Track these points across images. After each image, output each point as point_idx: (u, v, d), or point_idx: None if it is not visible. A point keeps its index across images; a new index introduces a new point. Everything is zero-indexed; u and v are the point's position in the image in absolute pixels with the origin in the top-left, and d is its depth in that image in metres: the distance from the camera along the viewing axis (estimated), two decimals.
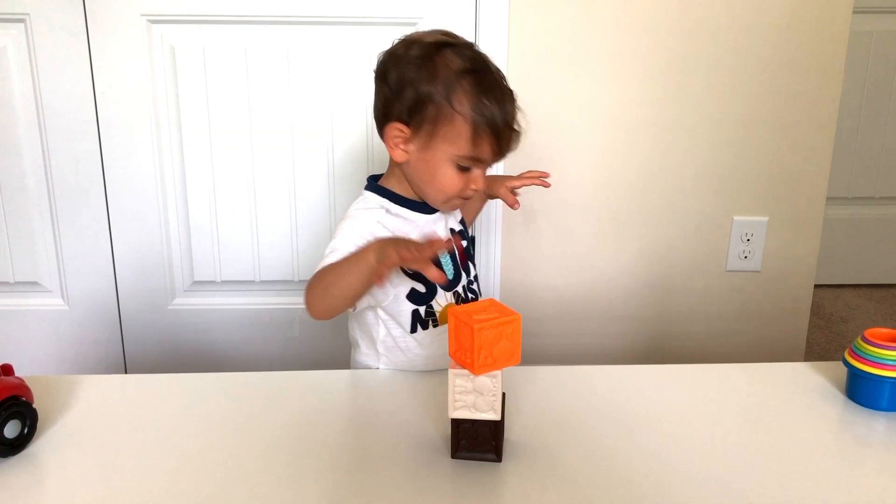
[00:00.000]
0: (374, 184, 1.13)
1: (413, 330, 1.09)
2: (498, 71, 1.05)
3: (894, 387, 0.94)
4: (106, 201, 1.70)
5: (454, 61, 1.01)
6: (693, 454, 0.85)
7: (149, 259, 1.74)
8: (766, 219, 1.78)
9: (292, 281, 1.78)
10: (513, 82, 1.06)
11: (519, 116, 1.05)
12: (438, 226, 1.13)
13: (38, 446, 0.86)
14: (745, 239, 1.79)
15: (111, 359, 1.80)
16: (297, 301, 1.79)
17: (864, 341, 0.95)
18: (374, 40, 1.64)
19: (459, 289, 1.14)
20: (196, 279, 1.77)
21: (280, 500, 0.78)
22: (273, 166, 1.70)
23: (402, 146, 1.05)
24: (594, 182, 1.74)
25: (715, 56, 1.68)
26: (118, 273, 1.75)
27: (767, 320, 1.86)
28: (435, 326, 1.10)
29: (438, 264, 0.99)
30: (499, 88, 1.02)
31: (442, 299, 1.11)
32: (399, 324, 1.10)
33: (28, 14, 1.58)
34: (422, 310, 1.09)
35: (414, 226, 1.09)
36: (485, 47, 1.59)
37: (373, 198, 1.11)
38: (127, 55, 1.61)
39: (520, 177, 1.24)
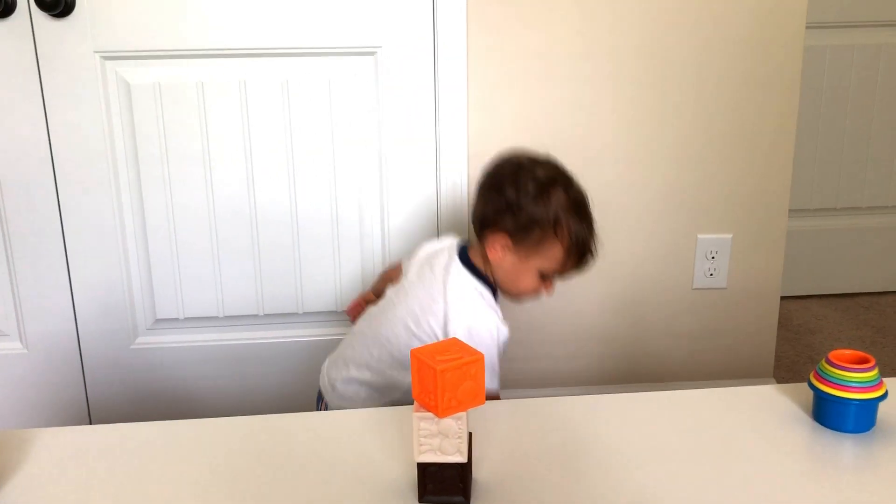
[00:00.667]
0: (470, 262, 1.30)
1: None
2: (589, 204, 1.27)
3: (859, 409, 0.94)
4: (63, 241, 1.67)
5: (563, 198, 1.23)
6: (663, 484, 0.85)
7: (109, 298, 1.71)
8: (730, 236, 1.80)
9: (257, 315, 1.75)
10: (471, 109, 1.10)
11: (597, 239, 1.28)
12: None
13: None
14: (710, 256, 1.80)
15: (73, 401, 1.76)
16: (261, 336, 1.77)
17: (829, 364, 0.95)
18: (333, 69, 1.63)
19: None
20: (158, 317, 1.74)
21: None
22: (232, 199, 1.68)
23: (500, 251, 1.25)
24: None
25: (673, 75, 1.70)
26: (78, 314, 1.71)
27: (736, 336, 1.87)
28: None
29: None
30: (591, 221, 1.26)
31: None
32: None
33: None
34: None
35: (493, 311, 1.27)
36: (443, 75, 1.61)
37: (469, 280, 1.27)
38: (81, 93, 1.59)
39: None
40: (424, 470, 0.82)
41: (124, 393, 1.76)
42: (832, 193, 2.47)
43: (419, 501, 0.83)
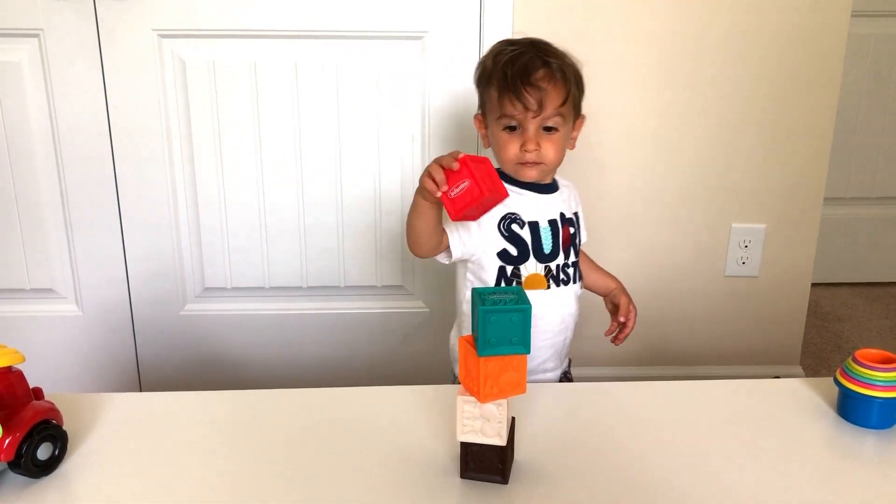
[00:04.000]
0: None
1: (497, 284, 1.18)
2: (547, 44, 1.20)
3: (883, 406, 0.98)
4: (119, 210, 1.74)
5: (496, 47, 1.20)
6: (690, 472, 0.90)
7: (160, 266, 1.78)
8: (763, 226, 1.82)
9: (301, 287, 1.82)
10: None
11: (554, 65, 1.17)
12: (551, 208, 1.22)
13: (68, 466, 0.90)
14: (743, 245, 1.83)
15: (124, 363, 1.85)
16: (304, 307, 1.84)
17: (855, 362, 0.99)
18: (380, 54, 1.67)
19: (553, 265, 1.21)
20: (207, 286, 1.81)
21: None
22: (282, 175, 1.74)
23: (482, 133, 1.23)
24: (594, 188, 1.78)
25: (713, 63, 1.71)
26: (131, 280, 1.79)
27: (765, 324, 1.90)
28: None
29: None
30: (526, 55, 1.16)
31: (532, 266, 1.19)
32: (482, 280, 1.19)
33: (42, 29, 1.62)
34: (508, 269, 1.18)
35: (518, 202, 1.19)
36: None
37: None
38: (138, 69, 1.65)
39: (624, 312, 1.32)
40: (466, 449, 0.88)
41: (172, 356, 1.85)
42: (868, 182, 2.47)
43: (461, 477, 0.89)
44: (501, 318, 0.81)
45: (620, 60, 1.70)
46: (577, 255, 1.27)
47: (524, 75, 1.14)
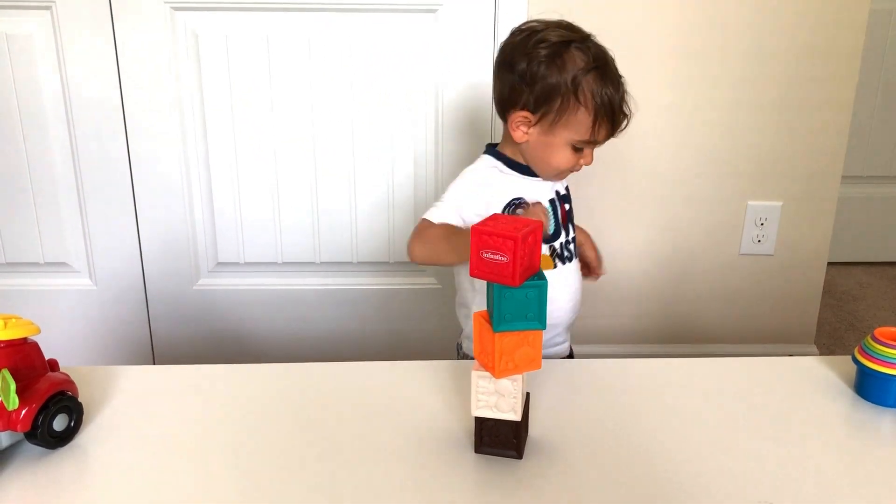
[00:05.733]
0: (492, 148, 1.22)
1: None
2: (613, 61, 1.16)
3: None
4: (132, 184, 1.74)
5: (580, 59, 1.12)
6: (706, 449, 0.89)
7: (174, 241, 1.79)
8: (780, 204, 1.81)
9: (314, 263, 1.82)
10: None
11: (628, 98, 1.16)
12: (545, 188, 1.21)
13: (83, 438, 0.91)
14: (758, 223, 1.81)
15: (138, 337, 1.86)
16: (317, 282, 1.83)
17: (875, 340, 0.98)
18: (394, 27, 1.66)
19: (557, 244, 1.22)
20: (220, 260, 1.81)
21: (310, 486, 0.82)
22: (295, 150, 1.73)
23: (523, 129, 1.15)
24: (610, 164, 1.76)
25: (732, 40, 1.69)
26: (144, 254, 1.79)
27: (779, 303, 1.89)
28: None
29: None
30: (616, 79, 1.14)
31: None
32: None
33: (54, 2, 1.61)
34: None
35: (520, 187, 1.18)
36: (503, 34, 1.60)
37: (488, 159, 1.21)
38: (151, 42, 1.64)
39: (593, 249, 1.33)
40: (481, 423, 0.87)
41: (185, 330, 1.85)
42: (886, 161, 2.44)
43: (475, 452, 0.88)
44: (517, 294, 0.81)
45: (637, 34, 1.68)
46: (574, 230, 1.27)
47: (621, 107, 1.16)
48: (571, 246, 1.25)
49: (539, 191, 1.20)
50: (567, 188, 1.28)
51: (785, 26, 1.68)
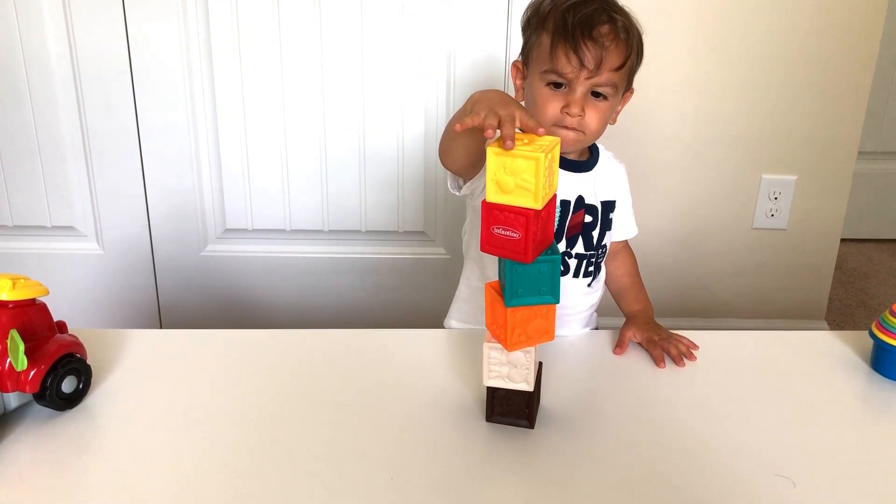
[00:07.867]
0: None
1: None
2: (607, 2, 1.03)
3: None
4: (139, 148, 1.72)
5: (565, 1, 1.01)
6: (719, 423, 0.88)
7: (182, 206, 1.77)
8: (794, 178, 1.78)
9: (322, 231, 1.81)
10: None
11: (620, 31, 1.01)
12: (571, 187, 1.08)
13: (92, 400, 0.90)
14: (772, 197, 1.79)
15: (145, 302, 1.85)
16: (325, 250, 1.82)
17: (893, 315, 0.97)
18: None
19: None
20: (228, 226, 1.80)
21: (321, 454, 0.81)
22: (304, 115, 1.71)
23: (518, 83, 1.08)
24: (626, 135, 1.74)
25: (750, 14, 1.66)
26: (152, 219, 1.78)
27: (791, 278, 1.87)
28: None
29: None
30: (591, 5, 1.00)
31: None
32: (484, 274, 1.13)
33: None
34: None
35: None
36: (517, 9, 1.56)
37: None
38: (159, 3, 1.61)
39: (674, 342, 1.05)
40: (493, 393, 0.86)
41: (192, 296, 1.85)
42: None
43: (487, 420, 0.88)
44: (530, 269, 0.78)
45: (653, 6, 1.65)
46: (589, 248, 1.11)
47: (586, 27, 0.98)
48: (572, 262, 1.10)
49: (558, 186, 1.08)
50: (609, 203, 1.13)
51: (805, 0, 1.65)
